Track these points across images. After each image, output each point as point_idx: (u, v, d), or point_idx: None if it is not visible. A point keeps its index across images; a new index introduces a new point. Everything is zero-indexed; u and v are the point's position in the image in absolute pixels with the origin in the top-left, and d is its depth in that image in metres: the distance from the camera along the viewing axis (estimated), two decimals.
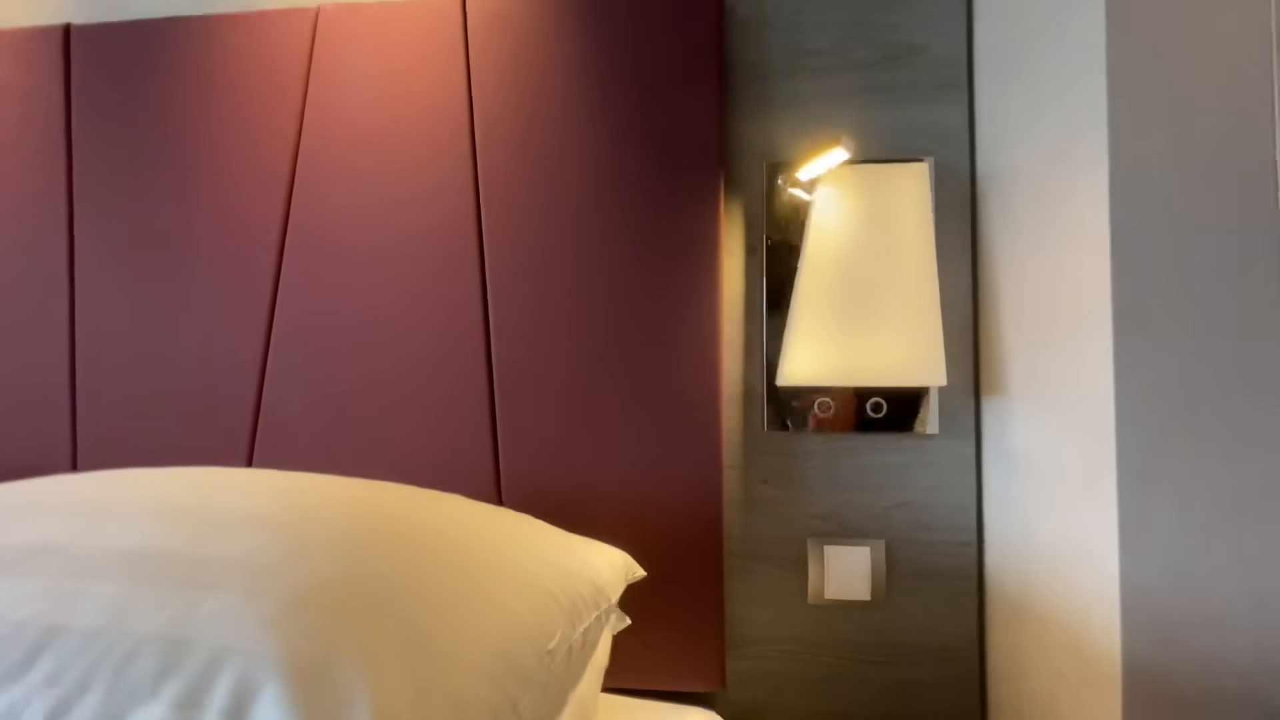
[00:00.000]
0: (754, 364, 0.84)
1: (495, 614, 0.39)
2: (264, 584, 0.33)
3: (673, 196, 0.82)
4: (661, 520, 0.80)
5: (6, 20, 0.98)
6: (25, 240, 0.93)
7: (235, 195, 0.89)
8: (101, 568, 0.35)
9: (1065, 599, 0.63)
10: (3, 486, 0.54)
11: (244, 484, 0.48)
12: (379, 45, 0.89)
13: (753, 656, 0.82)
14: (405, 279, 0.85)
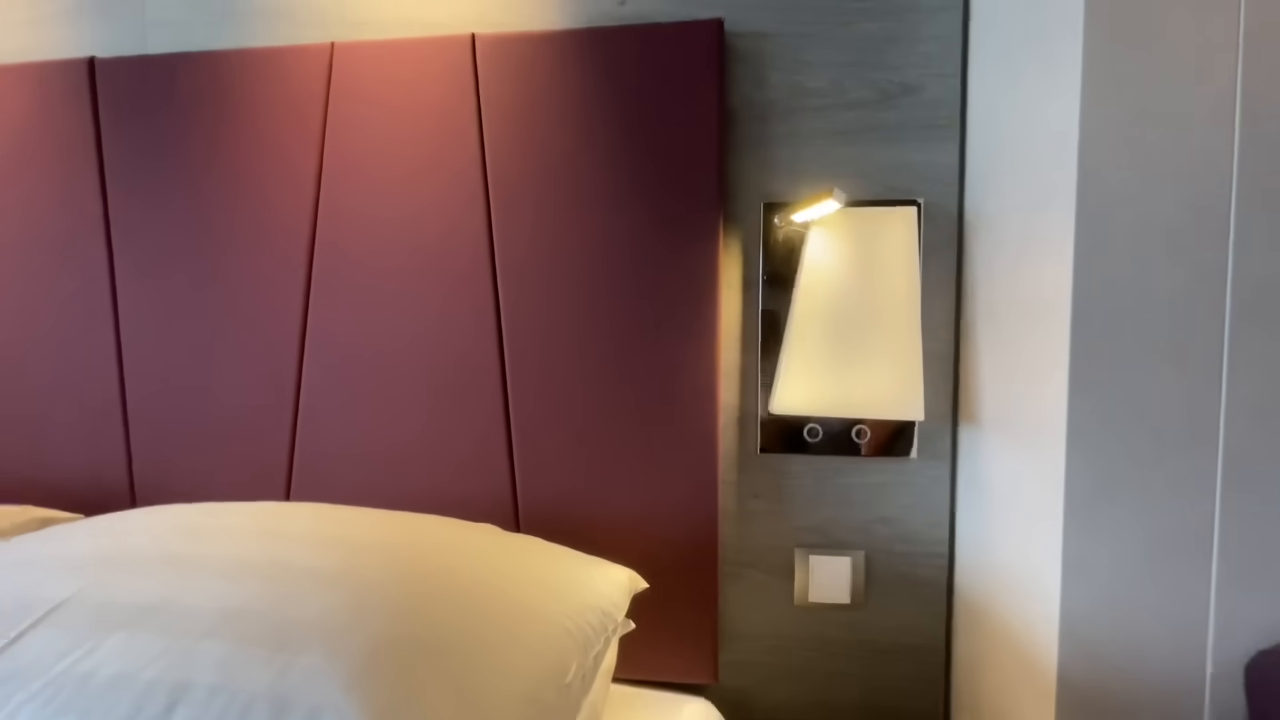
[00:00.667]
0: (749, 391, 0.91)
1: (523, 661, 0.47)
2: (339, 645, 0.42)
3: (676, 233, 0.87)
4: (663, 531, 0.88)
5: (33, 54, 1.01)
6: (70, 266, 0.99)
7: (263, 220, 0.95)
8: (205, 628, 0.44)
9: (1016, 615, 0.72)
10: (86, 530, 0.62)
11: (305, 535, 0.56)
12: (392, 78, 0.92)
13: (743, 651, 0.92)
14: (424, 309, 0.92)
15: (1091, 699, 0.63)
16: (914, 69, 0.87)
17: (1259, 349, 0.60)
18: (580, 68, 0.88)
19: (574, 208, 0.89)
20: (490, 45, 0.89)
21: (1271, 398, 0.60)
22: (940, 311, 0.88)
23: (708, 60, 0.86)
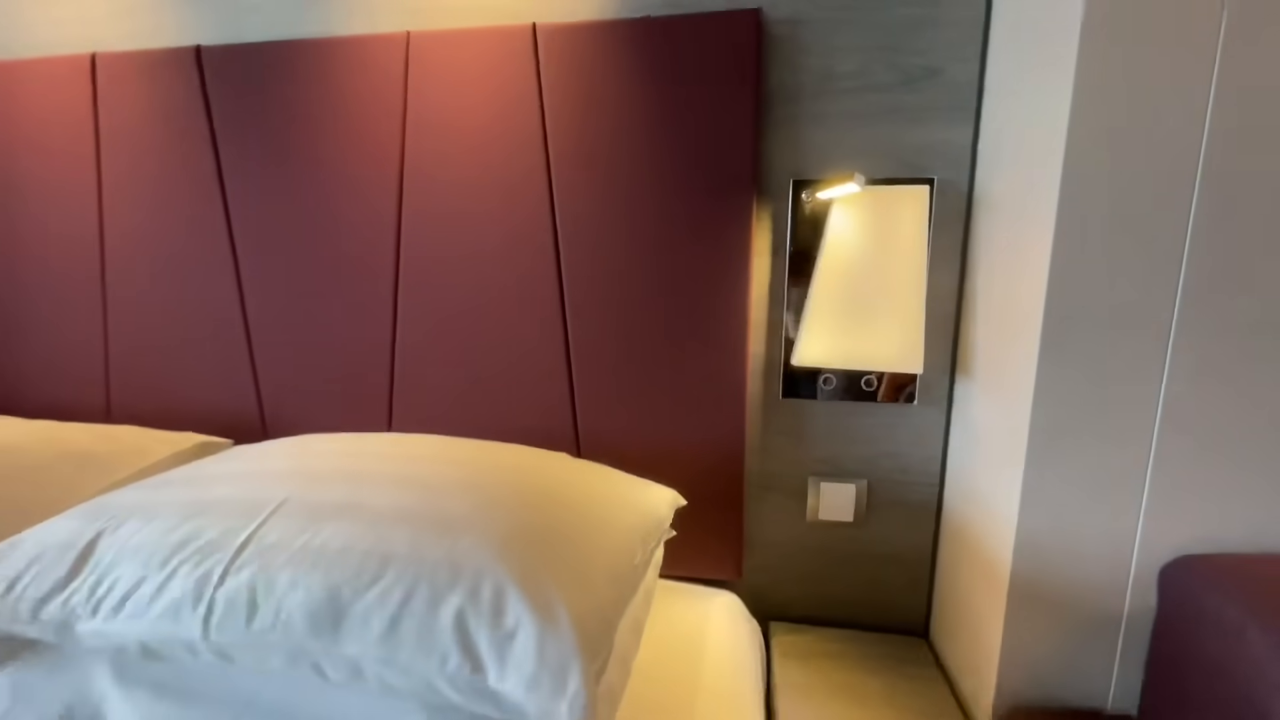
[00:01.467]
0: (774, 344, 1.06)
1: (605, 545, 0.66)
2: (485, 532, 0.61)
3: (714, 205, 1.00)
4: (699, 460, 1.06)
5: (136, 40, 1.14)
6: (193, 227, 1.16)
7: (359, 186, 1.10)
8: (391, 519, 0.63)
9: (985, 532, 0.89)
10: (274, 452, 0.82)
11: (438, 457, 0.76)
12: (462, 62, 1.03)
13: (762, 556, 1.12)
14: (496, 267, 1.07)
15: (1035, 594, 0.81)
16: (938, 53, 0.94)
17: (1201, 329, 0.72)
18: (630, 53, 0.98)
19: (623, 179, 1.02)
20: (549, 34, 0.99)
21: (1208, 368, 0.73)
22: (945, 277, 1.00)
23: (746, 47, 0.95)
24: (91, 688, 0.69)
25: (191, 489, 0.74)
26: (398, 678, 0.56)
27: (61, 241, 1.21)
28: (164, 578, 0.62)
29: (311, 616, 0.57)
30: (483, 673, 0.53)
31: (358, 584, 0.58)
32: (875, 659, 1.02)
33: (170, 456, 1.04)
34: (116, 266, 1.20)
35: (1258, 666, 0.62)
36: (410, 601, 0.56)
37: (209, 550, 0.63)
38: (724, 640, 0.94)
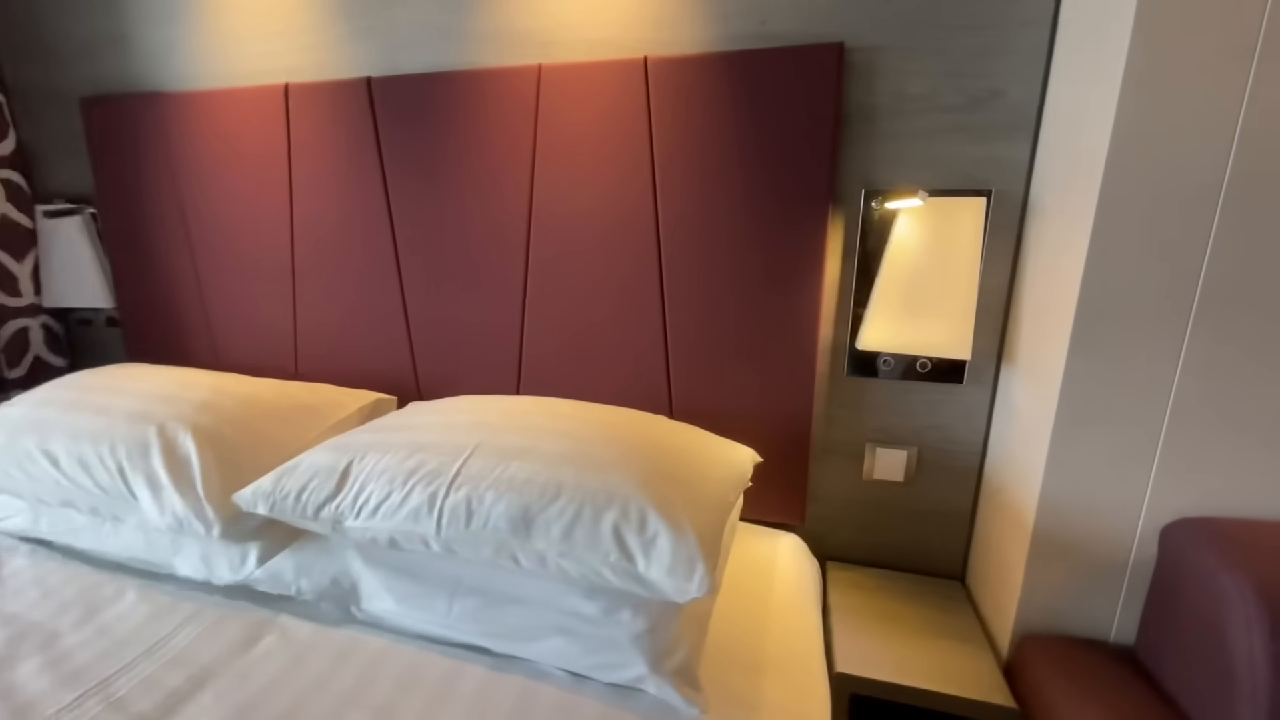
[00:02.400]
0: (842, 330, 1.24)
1: (712, 485, 0.90)
2: (627, 470, 0.85)
3: (795, 210, 1.17)
4: (772, 425, 1.27)
5: (321, 72, 1.40)
6: (360, 226, 1.44)
7: (494, 197, 1.34)
8: (558, 460, 0.88)
9: (1016, 493, 1.07)
10: (457, 408, 1.10)
11: (577, 415, 1.01)
12: (584, 89, 1.23)
13: (823, 507, 1.33)
14: (608, 263, 1.29)
15: (1054, 545, 0.99)
16: (1001, 77, 1.07)
17: (1213, 332, 0.86)
18: (726, 80, 1.15)
19: (716, 187, 1.20)
20: (658, 65, 1.18)
21: (1217, 365, 0.87)
22: (997, 277, 1.14)
23: (829, 75, 1.10)
24: (348, 566, 1.00)
25: (406, 434, 1.02)
26: (572, 566, 0.82)
27: (259, 233, 1.52)
28: (405, 493, 0.90)
29: (511, 522, 0.84)
30: (634, 563, 0.78)
31: (541, 502, 0.84)
32: (916, 595, 1.23)
33: (357, 410, 1.35)
34: (302, 254, 1.50)
35: (1223, 602, 0.79)
36: (580, 515, 0.82)
37: (433, 475, 0.91)
38: (789, 569, 1.17)
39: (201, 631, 0.94)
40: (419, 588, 0.96)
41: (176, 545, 1.10)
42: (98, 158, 1.62)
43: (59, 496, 1.11)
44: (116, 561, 1.13)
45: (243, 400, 1.21)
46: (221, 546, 1.07)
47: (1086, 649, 0.99)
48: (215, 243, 1.58)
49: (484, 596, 0.92)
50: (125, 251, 1.68)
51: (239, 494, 0.99)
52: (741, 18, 1.15)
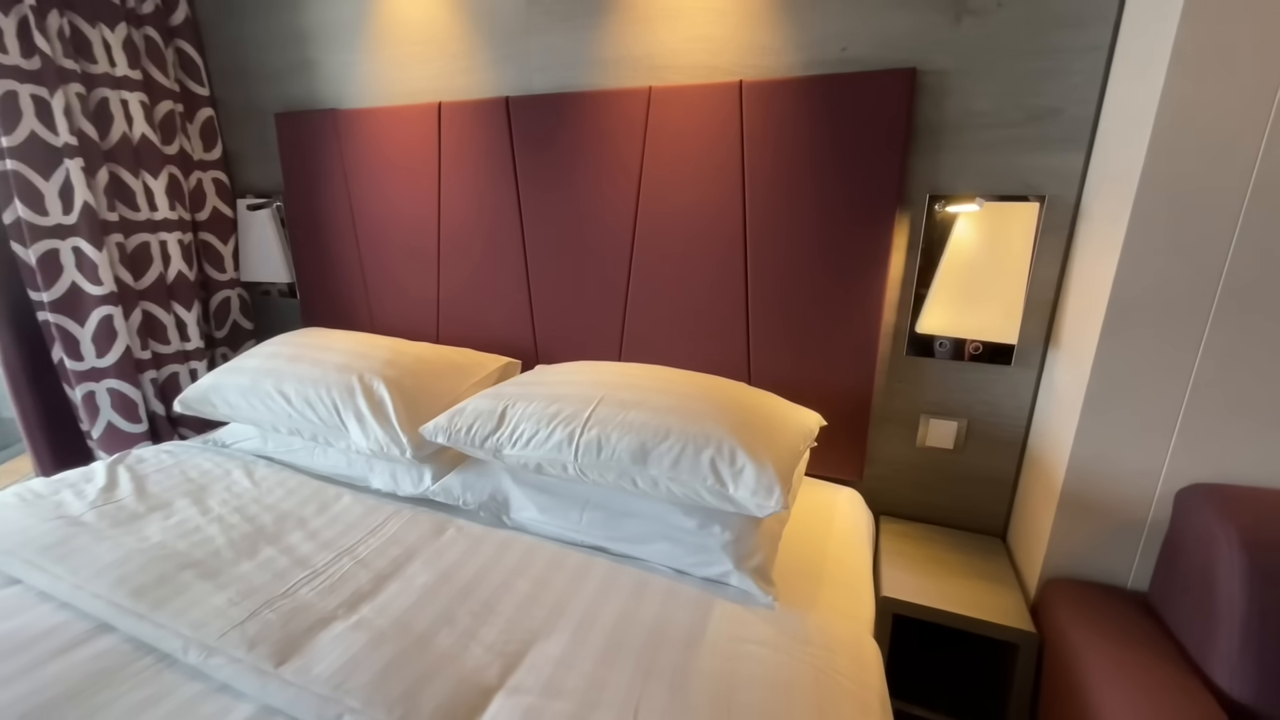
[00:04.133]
0: (903, 316, 1.43)
1: (787, 436, 1.15)
2: (720, 420, 1.11)
3: (866, 212, 1.37)
4: (837, 394, 1.49)
5: (471, 92, 1.70)
6: (495, 221, 1.75)
7: (605, 195, 1.60)
8: (665, 411, 1.15)
9: (1049, 460, 1.24)
10: (581, 370, 1.39)
11: (675, 378, 1.28)
12: (688, 109, 1.47)
13: (879, 467, 1.55)
14: (701, 259, 1.54)
15: (1078, 504, 1.17)
16: (1059, 96, 1.21)
17: (1232, 325, 1.01)
18: (810, 100, 1.36)
19: (798, 192, 1.42)
20: (751, 88, 1.39)
21: (1234, 353, 1.01)
22: (1048, 271, 1.30)
23: (901, 96, 1.28)
24: (501, 484, 1.33)
25: (544, 388, 1.32)
26: (678, 489, 1.09)
27: (412, 223, 1.87)
28: (549, 431, 1.20)
29: (631, 454, 1.12)
30: (725, 487, 1.05)
31: (655, 440, 1.11)
32: (959, 546, 1.43)
33: (495, 369, 1.67)
34: (446, 241, 1.84)
35: (1214, 549, 0.96)
36: (685, 451, 1.09)
37: (570, 418, 1.20)
38: (847, 514, 1.40)
39: (402, 524, 1.29)
40: (556, 502, 1.27)
41: (370, 465, 1.47)
42: (286, 161, 2.02)
43: (289, 426, 1.50)
44: (326, 475, 1.51)
45: (414, 358, 1.56)
46: (405, 467, 1.42)
47: (1103, 592, 1.17)
48: (375, 230, 1.94)
49: (606, 511, 1.22)
50: (304, 236, 2.08)
51: (424, 427, 1.33)
52: (825, 45, 1.35)
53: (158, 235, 1.93)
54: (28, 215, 1.65)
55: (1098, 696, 0.96)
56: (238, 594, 1.03)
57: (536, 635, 0.96)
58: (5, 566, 1.12)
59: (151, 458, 1.57)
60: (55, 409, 1.86)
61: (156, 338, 1.95)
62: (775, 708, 0.83)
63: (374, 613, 1.00)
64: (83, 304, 1.76)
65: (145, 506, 1.33)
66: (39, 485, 1.41)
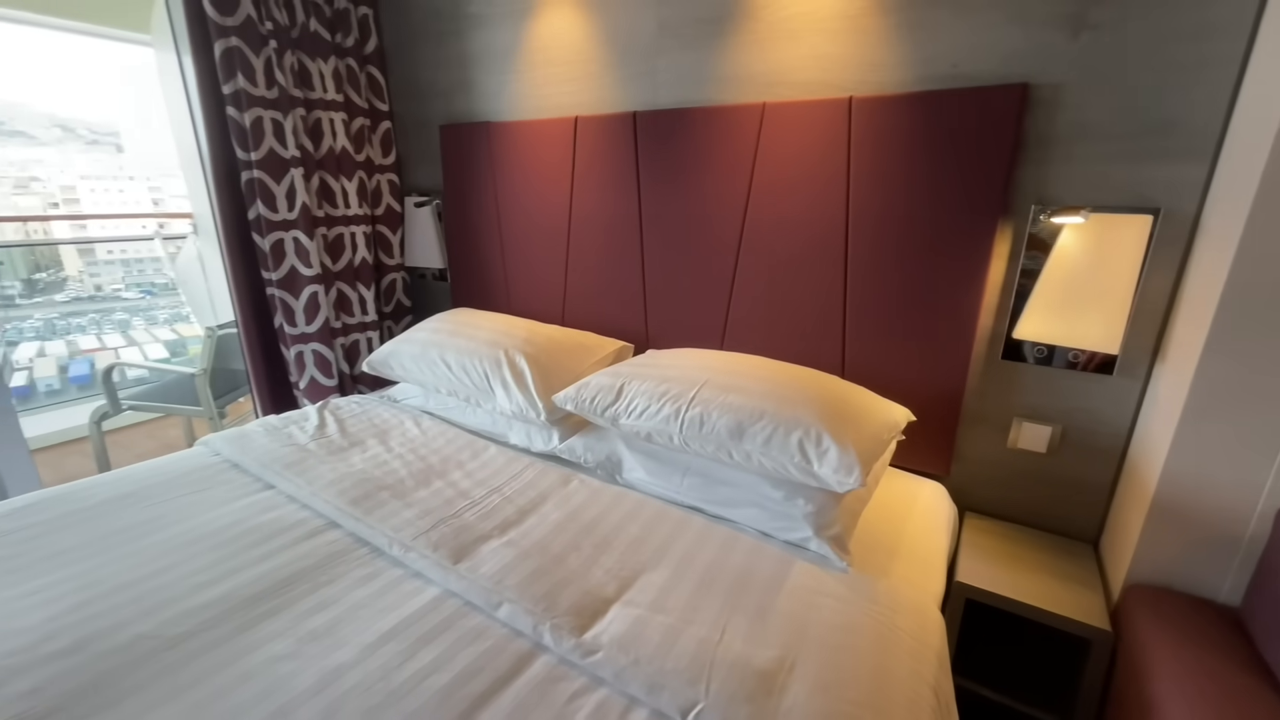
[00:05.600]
0: (1000, 320, 1.48)
1: (873, 425, 1.28)
2: (809, 406, 1.27)
3: (970, 219, 1.44)
4: (928, 393, 1.57)
5: (602, 107, 1.94)
6: (618, 221, 1.99)
7: (717, 200, 1.78)
8: (761, 396, 1.33)
9: (1144, 469, 1.27)
10: (686, 357, 1.60)
11: (774, 367, 1.44)
12: (798, 123, 1.60)
13: (967, 465, 1.61)
14: (804, 262, 1.67)
15: (1169, 512, 1.19)
16: (1182, 108, 1.21)
17: None
18: (919, 114, 1.44)
19: (902, 201, 1.51)
20: (861, 103, 1.50)
21: None
22: (1160, 283, 1.30)
23: (1012, 110, 1.34)
24: (615, 448, 1.57)
25: (655, 370, 1.54)
26: (769, 463, 1.27)
27: (546, 221, 2.16)
28: (659, 406, 1.42)
29: (729, 430, 1.31)
30: (811, 465, 1.21)
31: (750, 420, 1.29)
32: (1044, 546, 1.47)
33: (612, 351, 1.93)
34: (575, 238, 2.11)
35: None
36: (776, 431, 1.26)
37: (677, 397, 1.41)
38: (929, 504, 1.50)
39: (536, 473, 1.57)
40: (662, 467, 1.49)
41: (509, 424, 1.78)
42: (446, 165, 2.39)
43: (448, 387, 1.84)
44: (473, 430, 1.85)
45: (547, 338, 1.85)
46: (538, 428, 1.71)
47: (1189, 602, 1.19)
48: (516, 226, 2.25)
49: (704, 478, 1.42)
50: (457, 229, 2.45)
51: (556, 396, 1.60)
52: (936, 61, 1.42)
53: (349, 228, 2.38)
54: (264, 212, 2.13)
55: (1171, 701, 1.00)
56: (421, 512, 1.36)
57: (644, 567, 1.19)
58: (263, 475, 1.54)
59: (345, 406, 2.00)
60: (272, 364, 2.38)
61: (345, 311, 2.42)
62: (839, 643, 0.99)
63: (519, 536, 1.28)
64: (298, 282, 2.23)
65: (348, 442, 1.72)
66: (274, 420, 1.86)
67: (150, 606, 1.08)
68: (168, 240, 4.17)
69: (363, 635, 1.02)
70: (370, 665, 0.95)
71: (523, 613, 1.04)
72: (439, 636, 1.02)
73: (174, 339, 6.04)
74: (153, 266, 6.72)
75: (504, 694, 0.91)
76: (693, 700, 0.87)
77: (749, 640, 1.00)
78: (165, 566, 1.19)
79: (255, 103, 2.03)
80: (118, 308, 6.37)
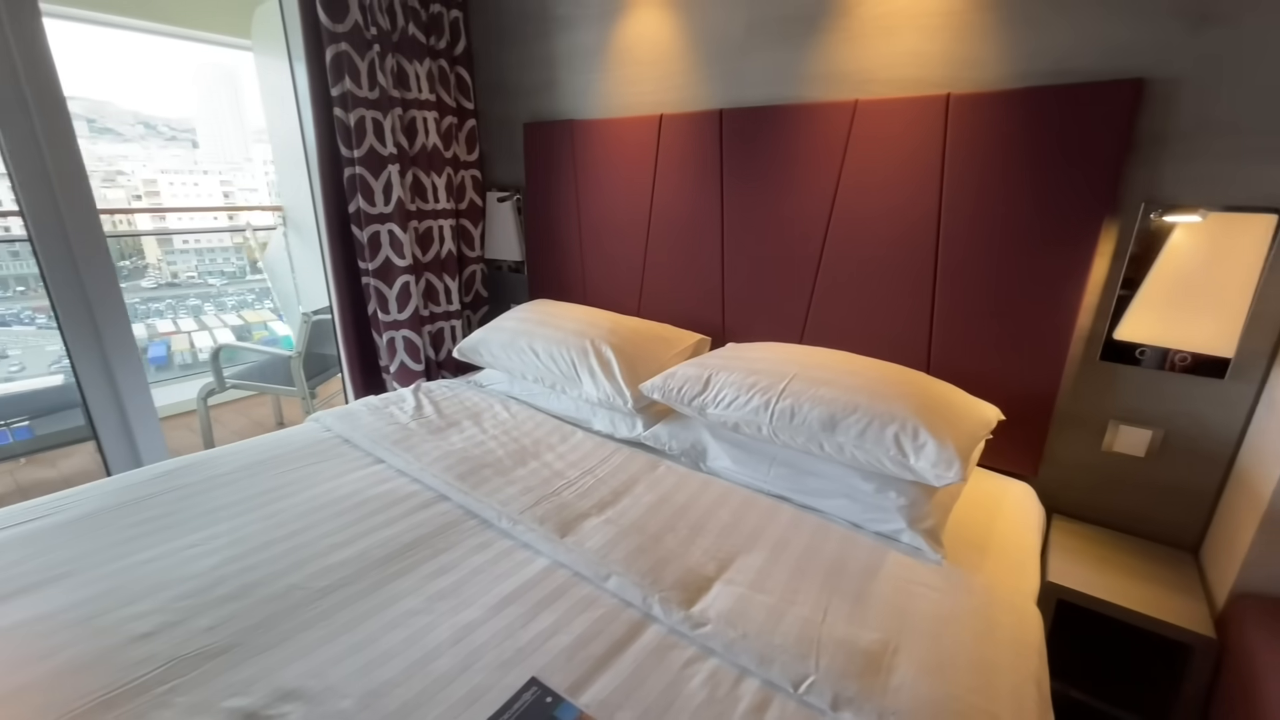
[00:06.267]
0: (1101, 320, 1.46)
1: (967, 422, 1.29)
2: (905, 400, 1.29)
3: (1072, 222, 1.41)
4: (1019, 393, 1.55)
5: (690, 108, 1.99)
6: (698, 217, 2.03)
7: (802, 197, 1.80)
8: (854, 390, 1.35)
9: (1258, 476, 1.23)
10: (774, 350, 1.63)
11: (859, 361, 1.46)
12: (891, 120, 1.61)
13: (1057, 466, 1.59)
14: (892, 262, 1.68)
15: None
16: None
17: None
18: (1021, 112, 1.43)
19: (999, 199, 1.49)
20: (960, 100, 1.50)
21: None
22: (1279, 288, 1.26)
23: (1125, 107, 1.31)
24: (700, 436, 1.62)
25: (742, 362, 1.59)
26: (861, 455, 1.29)
27: (626, 218, 2.22)
28: (748, 397, 1.46)
29: (821, 423, 1.34)
30: (906, 458, 1.23)
31: (844, 413, 1.32)
32: (1139, 552, 1.44)
33: (691, 344, 1.98)
34: (654, 232, 2.16)
35: None
36: (871, 424, 1.28)
37: (767, 389, 1.45)
38: (1017, 505, 1.49)
39: (624, 458, 1.65)
40: (748, 456, 1.53)
41: (593, 411, 1.86)
42: (529, 162, 2.49)
43: (535, 374, 1.94)
44: (558, 415, 1.93)
45: (630, 329, 1.92)
46: (623, 415, 1.78)
47: None
48: (595, 221, 2.33)
49: (792, 468, 1.46)
50: (537, 223, 2.55)
51: (643, 385, 1.67)
52: (1041, 56, 1.40)
53: (437, 221, 2.51)
54: (364, 206, 2.28)
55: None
56: (523, 489, 1.45)
57: (740, 550, 1.24)
58: (374, 450, 1.67)
59: (436, 389, 2.12)
60: (364, 348, 2.54)
61: (433, 300, 2.56)
62: (940, 631, 1.02)
63: (616, 515, 1.35)
64: (391, 272, 2.37)
65: (445, 423, 1.84)
66: (375, 401, 2.00)
67: (295, 561, 1.20)
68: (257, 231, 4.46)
69: (486, 597, 1.11)
70: (497, 624, 1.04)
71: (631, 585, 1.11)
72: (555, 602, 1.10)
73: (240, 324, 6.49)
74: (222, 256, 7.22)
75: (622, 657, 0.98)
76: (803, 673, 0.92)
77: (851, 622, 1.04)
78: (302, 527, 1.32)
79: (359, 103, 2.17)
80: (191, 294, 6.86)
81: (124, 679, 0.92)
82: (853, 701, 0.87)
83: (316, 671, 0.94)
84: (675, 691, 0.91)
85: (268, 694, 0.90)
